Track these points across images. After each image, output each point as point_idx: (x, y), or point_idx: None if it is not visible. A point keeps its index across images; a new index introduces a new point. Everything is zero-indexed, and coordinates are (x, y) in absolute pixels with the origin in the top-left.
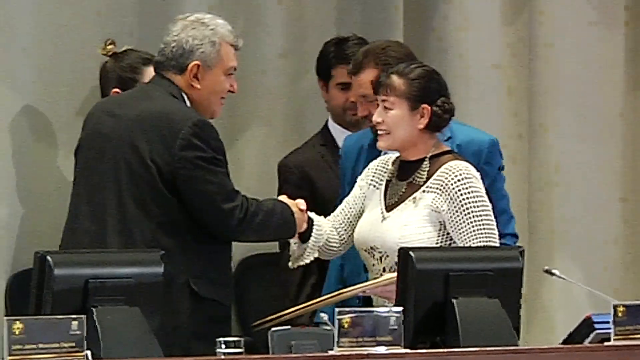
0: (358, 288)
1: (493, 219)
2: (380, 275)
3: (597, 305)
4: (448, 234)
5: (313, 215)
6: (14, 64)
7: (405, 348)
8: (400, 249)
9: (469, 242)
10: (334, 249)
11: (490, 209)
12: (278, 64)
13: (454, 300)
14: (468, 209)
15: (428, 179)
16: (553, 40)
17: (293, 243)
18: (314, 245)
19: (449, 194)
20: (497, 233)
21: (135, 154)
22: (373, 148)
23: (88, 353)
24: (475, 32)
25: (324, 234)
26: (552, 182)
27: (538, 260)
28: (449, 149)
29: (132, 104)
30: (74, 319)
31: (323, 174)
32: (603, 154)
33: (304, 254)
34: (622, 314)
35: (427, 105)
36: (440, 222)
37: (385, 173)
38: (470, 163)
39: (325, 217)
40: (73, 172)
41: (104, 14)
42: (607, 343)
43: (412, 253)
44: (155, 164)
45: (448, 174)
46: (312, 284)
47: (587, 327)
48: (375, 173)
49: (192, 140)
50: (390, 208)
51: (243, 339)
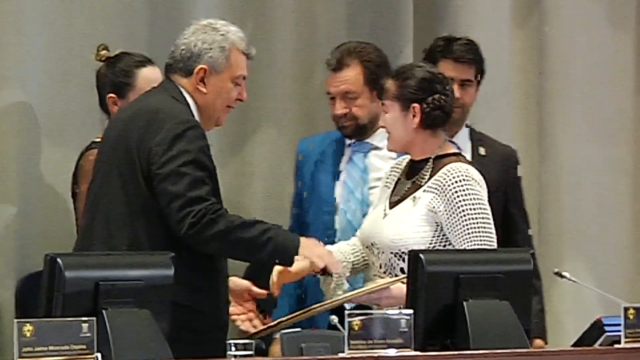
0: (351, 295)
1: (490, 222)
2: (379, 278)
3: (607, 308)
4: (444, 235)
5: (332, 248)
6: (25, 67)
7: (416, 350)
8: (410, 251)
9: (465, 244)
10: (362, 264)
11: (488, 212)
12: (288, 66)
13: (464, 303)
14: (464, 211)
15: (429, 179)
16: (563, 42)
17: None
18: (342, 276)
19: (446, 195)
20: (494, 237)
21: (126, 150)
22: (334, 147)
23: (98, 355)
24: (486, 34)
25: (348, 263)
26: (562, 183)
27: (548, 263)
28: (455, 151)
29: (132, 105)
30: (85, 321)
31: None
32: (614, 155)
33: (337, 286)
34: (632, 317)
35: (416, 104)
36: (437, 222)
37: (398, 173)
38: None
39: None
40: None
41: (114, 19)
42: (617, 345)
43: (422, 255)
44: (139, 159)
45: (447, 175)
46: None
47: (597, 329)
48: (391, 174)
49: (170, 138)
50: (393, 205)
51: (253, 342)
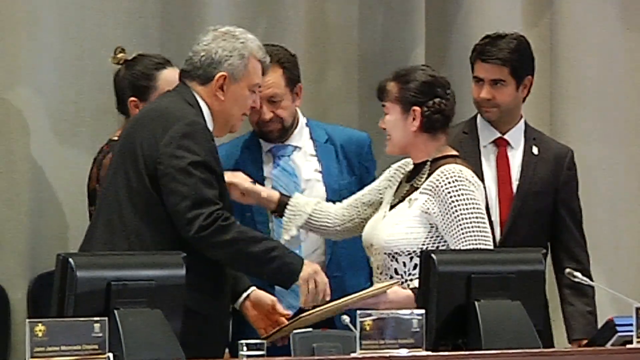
0: (349, 299)
1: (485, 222)
2: (378, 281)
3: (619, 308)
4: (438, 236)
5: (297, 195)
6: (38, 68)
7: (427, 350)
8: (422, 252)
9: (460, 244)
10: (330, 227)
11: (483, 212)
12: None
13: (476, 303)
14: (457, 212)
15: (425, 181)
16: (575, 42)
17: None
18: (289, 222)
19: (440, 197)
20: (489, 236)
21: (132, 150)
22: (249, 155)
23: (110, 355)
24: None
25: (302, 213)
26: None
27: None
28: (453, 154)
29: (144, 107)
30: (96, 321)
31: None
32: (626, 156)
33: (285, 229)
34: None
35: (417, 107)
36: (431, 224)
37: (403, 174)
38: (469, 167)
39: None
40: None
41: (127, 19)
42: (629, 346)
43: (433, 255)
44: (145, 159)
45: (440, 177)
46: None
47: (609, 329)
48: (395, 172)
49: (178, 138)
50: (392, 207)
51: (265, 342)
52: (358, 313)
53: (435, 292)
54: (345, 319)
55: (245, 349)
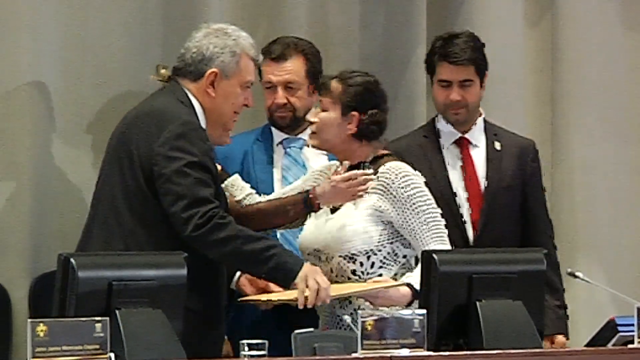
0: (354, 290)
1: (438, 211)
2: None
3: (620, 308)
4: (393, 233)
5: (236, 177)
6: (42, 68)
7: (429, 350)
8: (424, 252)
9: (422, 237)
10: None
11: (434, 202)
12: None
13: (477, 303)
14: (415, 205)
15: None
16: (576, 42)
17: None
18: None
19: (392, 194)
20: (441, 221)
21: (127, 150)
22: (260, 145)
23: (112, 355)
24: (499, 34)
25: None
26: (575, 183)
27: (561, 263)
28: (388, 152)
29: (137, 107)
30: (98, 321)
31: (417, 163)
32: (627, 155)
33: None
34: None
35: (357, 113)
36: (384, 221)
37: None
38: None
39: None
40: (97, 173)
41: (129, 18)
42: (630, 346)
43: (435, 255)
44: (140, 159)
45: (389, 175)
46: None
47: (610, 329)
48: (319, 176)
49: (173, 139)
50: (334, 211)
51: (266, 342)
52: (360, 313)
53: (437, 292)
54: (347, 319)
55: (247, 349)
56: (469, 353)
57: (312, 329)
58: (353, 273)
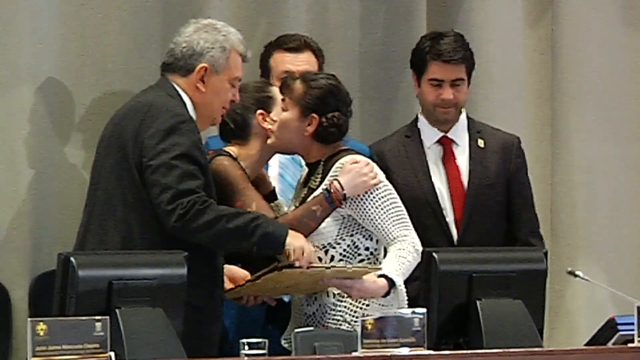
0: (329, 270)
1: (396, 196)
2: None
3: (620, 307)
4: (351, 225)
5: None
6: (40, 67)
7: (429, 349)
8: (424, 251)
9: (383, 224)
10: None
11: (393, 190)
12: None
13: (477, 302)
14: (372, 194)
15: (324, 179)
16: (576, 41)
17: None
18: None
19: None
20: (402, 208)
21: (120, 145)
22: None
23: (112, 354)
24: (499, 33)
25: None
26: (575, 183)
27: (561, 262)
28: (345, 148)
29: (127, 103)
30: (98, 320)
31: (399, 165)
32: (627, 154)
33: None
34: None
35: (316, 116)
36: (342, 215)
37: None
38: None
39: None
40: None
41: (128, 17)
42: (630, 345)
43: (435, 255)
44: (133, 153)
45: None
46: None
47: (610, 328)
48: (299, 179)
49: (162, 132)
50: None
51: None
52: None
53: (437, 291)
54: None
55: (247, 348)
56: (469, 352)
57: (312, 328)
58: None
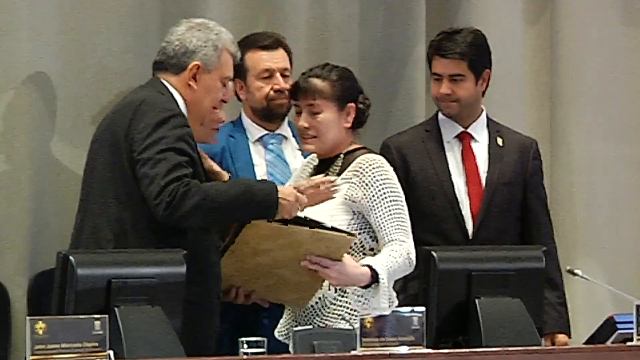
0: (315, 231)
1: (405, 206)
2: None
3: (619, 306)
4: (360, 223)
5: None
6: (39, 65)
7: (428, 348)
8: (422, 249)
9: (386, 225)
10: None
11: (403, 198)
12: (300, 64)
13: (477, 300)
14: (385, 195)
15: (342, 172)
16: (575, 40)
17: None
18: None
19: (364, 182)
20: (408, 218)
21: (112, 142)
22: (236, 142)
23: (110, 353)
24: (498, 32)
25: None
26: (574, 181)
27: (561, 260)
28: (363, 146)
29: (119, 102)
30: (97, 319)
31: (418, 157)
32: (627, 153)
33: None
34: None
35: (352, 104)
36: (354, 211)
37: (310, 169)
38: None
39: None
40: None
41: (127, 17)
42: (629, 343)
43: (434, 253)
44: (124, 146)
45: (363, 164)
46: None
47: (609, 327)
48: (305, 167)
49: (152, 125)
50: None
51: (265, 340)
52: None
53: (436, 289)
54: None
55: (246, 347)
56: (468, 350)
57: (311, 327)
58: None
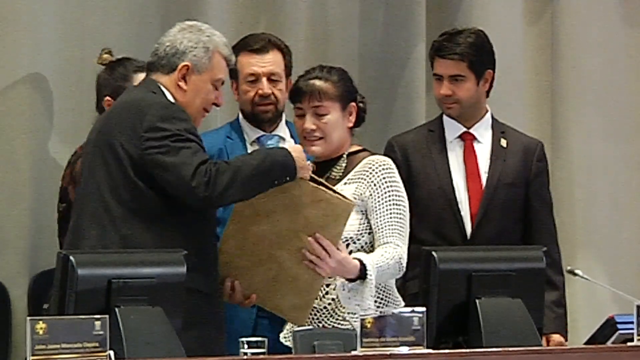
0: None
1: (406, 211)
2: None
3: (620, 306)
4: (368, 224)
5: None
6: (40, 67)
7: (428, 348)
8: (423, 249)
9: (384, 225)
10: None
11: (406, 202)
12: (301, 64)
13: (477, 301)
14: (388, 196)
15: (347, 173)
16: (576, 39)
17: None
18: None
19: (373, 181)
20: (407, 224)
21: (108, 145)
22: (233, 143)
23: (111, 353)
24: (498, 31)
25: None
26: (575, 180)
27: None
28: (363, 147)
29: (112, 104)
30: (97, 319)
31: (421, 157)
32: (627, 152)
33: None
34: None
35: (353, 103)
36: (362, 211)
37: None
38: None
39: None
40: None
41: (127, 18)
42: (630, 343)
43: (434, 253)
44: (126, 151)
45: (372, 165)
46: None
47: (610, 327)
48: None
49: (157, 123)
50: None
51: (266, 340)
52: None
53: (436, 289)
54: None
55: (246, 347)
56: (469, 351)
57: (311, 327)
58: None
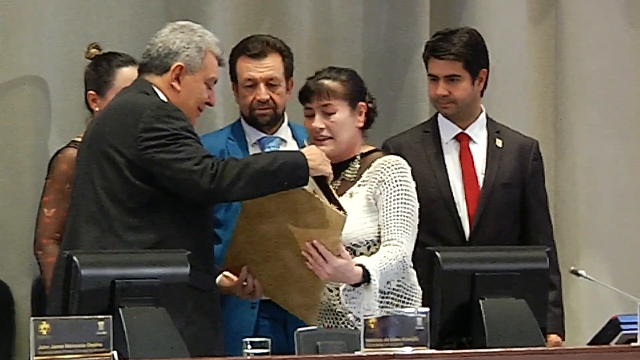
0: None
1: (415, 212)
2: None
3: (623, 306)
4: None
5: None
6: (43, 67)
7: (432, 349)
8: (426, 250)
9: (391, 223)
10: None
11: (416, 202)
12: (304, 64)
13: (480, 301)
14: (397, 195)
15: (361, 174)
16: (580, 39)
17: None
18: None
19: (384, 180)
20: (414, 224)
21: (103, 146)
22: (234, 145)
23: (114, 353)
24: (502, 31)
25: None
26: (578, 181)
27: (564, 261)
28: (376, 147)
29: (107, 105)
30: (101, 319)
31: (416, 158)
32: (630, 152)
33: None
34: None
35: (363, 103)
36: (376, 211)
37: None
38: None
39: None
40: None
41: (130, 18)
42: (633, 344)
43: (438, 253)
44: (121, 154)
45: (385, 166)
46: None
47: (613, 328)
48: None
49: (153, 123)
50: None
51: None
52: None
53: (440, 290)
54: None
55: (250, 347)
56: (472, 351)
57: (315, 327)
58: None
